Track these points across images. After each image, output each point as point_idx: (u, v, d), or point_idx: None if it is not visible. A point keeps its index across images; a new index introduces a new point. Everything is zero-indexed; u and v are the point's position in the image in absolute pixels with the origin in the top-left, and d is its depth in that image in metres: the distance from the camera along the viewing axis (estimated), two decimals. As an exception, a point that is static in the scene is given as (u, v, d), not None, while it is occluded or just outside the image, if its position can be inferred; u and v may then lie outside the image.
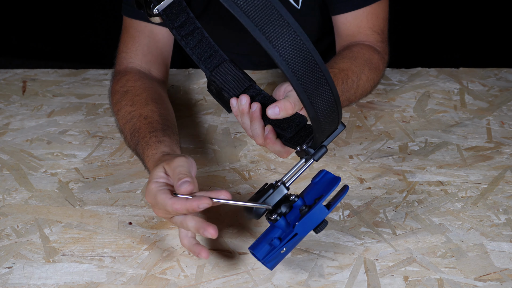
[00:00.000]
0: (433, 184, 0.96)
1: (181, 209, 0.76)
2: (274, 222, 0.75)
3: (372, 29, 1.18)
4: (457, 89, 1.24)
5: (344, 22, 1.19)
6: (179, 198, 0.77)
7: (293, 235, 0.73)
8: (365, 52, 1.14)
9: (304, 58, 0.68)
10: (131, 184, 0.96)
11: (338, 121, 0.76)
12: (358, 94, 1.11)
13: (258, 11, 0.68)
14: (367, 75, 1.11)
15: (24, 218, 0.89)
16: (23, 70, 1.32)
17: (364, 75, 1.10)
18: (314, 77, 0.69)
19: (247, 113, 0.85)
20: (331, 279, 0.79)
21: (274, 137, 0.85)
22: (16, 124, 1.13)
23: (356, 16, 1.18)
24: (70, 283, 0.78)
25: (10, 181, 0.97)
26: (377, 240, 0.85)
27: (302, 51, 0.68)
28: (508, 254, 0.82)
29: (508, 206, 0.91)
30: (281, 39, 0.68)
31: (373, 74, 1.13)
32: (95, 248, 0.83)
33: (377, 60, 1.15)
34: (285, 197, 0.76)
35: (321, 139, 0.77)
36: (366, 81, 1.11)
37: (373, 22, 1.19)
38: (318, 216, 0.73)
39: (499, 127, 1.11)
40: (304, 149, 0.78)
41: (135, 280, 0.78)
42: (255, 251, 0.75)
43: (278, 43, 0.68)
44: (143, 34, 1.12)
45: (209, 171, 0.99)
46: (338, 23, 1.20)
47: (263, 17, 0.68)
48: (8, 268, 0.80)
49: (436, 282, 0.78)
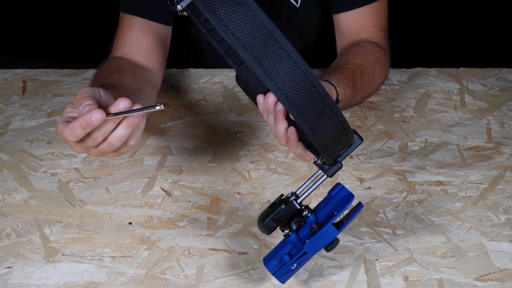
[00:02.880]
0: (433, 184, 0.96)
1: (75, 127, 0.75)
2: (286, 238, 0.74)
3: (375, 27, 1.18)
4: (457, 89, 1.24)
5: (347, 21, 1.18)
6: (74, 120, 0.76)
7: (303, 253, 0.72)
8: (374, 48, 1.14)
9: (305, 89, 0.68)
10: (131, 184, 0.96)
11: (349, 141, 0.74)
12: (372, 91, 1.11)
13: (257, 43, 0.67)
14: (379, 71, 1.11)
15: (24, 218, 0.89)
16: (23, 70, 1.32)
17: (377, 71, 1.11)
18: (316, 107, 0.69)
19: (272, 112, 0.85)
20: (331, 279, 0.79)
21: (296, 139, 0.83)
22: (16, 124, 1.13)
23: (359, 14, 1.18)
24: (70, 283, 0.78)
25: (10, 181, 0.97)
26: (377, 240, 0.85)
27: (302, 82, 0.68)
28: (508, 254, 0.82)
29: (508, 206, 0.91)
30: (281, 71, 0.67)
31: (383, 71, 1.13)
32: (95, 248, 0.83)
33: (384, 57, 1.15)
34: (299, 212, 0.74)
35: (331, 160, 0.75)
36: (379, 77, 1.12)
37: (376, 20, 1.19)
38: (328, 236, 0.72)
39: (499, 127, 1.11)
40: (319, 164, 0.76)
41: (135, 280, 0.78)
42: (266, 265, 0.74)
43: (277, 76, 0.67)
44: (133, 28, 1.13)
45: (209, 171, 0.99)
46: (340, 21, 1.20)
47: (263, 49, 0.67)
48: (8, 268, 0.80)
49: (436, 282, 0.78)
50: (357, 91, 1.05)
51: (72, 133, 0.76)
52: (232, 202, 0.92)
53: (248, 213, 0.90)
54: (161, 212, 0.90)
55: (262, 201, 0.92)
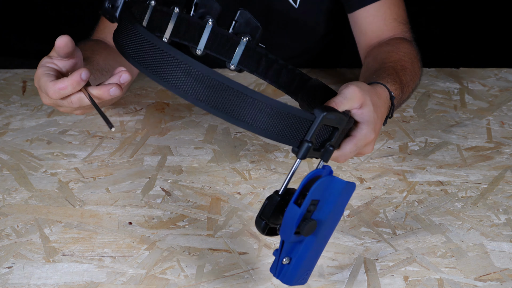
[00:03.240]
0: (433, 184, 0.96)
1: (65, 86, 0.80)
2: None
3: (397, 20, 1.14)
4: (457, 89, 1.24)
5: (367, 16, 1.14)
6: (62, 78, 0.81)
7: (281, 242, 0.68)
8: (403, 43, 1.09)
9: (213, 87, 0.69)
10: (131, 184, 0.96)
11: (303, 121, 0.71)
12: (417, 84, 1.07)
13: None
14: (416, 63, 1.07)
15: (24, 218, 0.89)
16: (23, 70, 1.32)
17: (415, 63, 1.07)
18: (233, 99, 0.69)
19: None
20: (331, 279, 0.79)
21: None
22: (16, 124, 1.13)
23: (378, 7, 1.13)
24: (70, 283, 0.78)
25: (10, 181, 0.97)
26: (377, 240, 0.85)
27: (208, 81, 0.69)
28: (508, 254, 0.82)
29: (508, 206, 0.91)
30: (181, 79, 0.70)
31: (418, 63, 1.09)
32: (95, 248, 0.83)
33: (414, 50, 1.10)
34: (284, 202, 0.70)
35: (296, 144, 0.72)
36: (418, 69, 1.07)
37: (396, 12, 1.13)
38: (291, 216, 0.67)
39: (499, 127, 1.11)
40: (293, 150, 0.74)
41: (135, 280, 0.78)
42: (270, 269, 0.71)
43: (182, 84, 0.70)
44: (107, 29, 1.15)
45: (209, 171, 0.99)
46: (360, 19, 1.15)
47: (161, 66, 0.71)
48: (8, 268, 0.80)
49: (436, 282, 0.78)
50: (404, 85, 1.00)
51: (60, 91, 0.80)
52: (232, 202, 0.92)
53: (248, 213, 0.90)
54: (161, 212, 0.90)
55: (262, 201, 0.92)
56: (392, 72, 0.99)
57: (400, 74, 0.99)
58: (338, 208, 0.70)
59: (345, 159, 0.82)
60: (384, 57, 1.05)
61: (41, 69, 0.85)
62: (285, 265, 0.70)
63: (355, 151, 0.82)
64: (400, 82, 0.98)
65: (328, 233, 0.72)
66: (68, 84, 0.81)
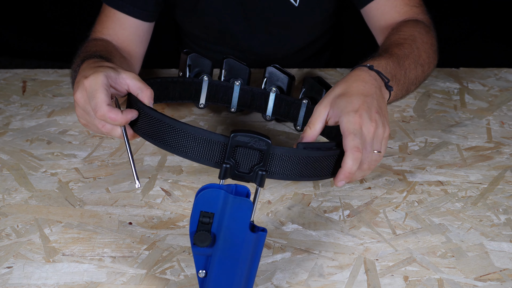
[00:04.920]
0: (433, 184, 0.96)
1: (116, 119, 0.84)
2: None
3: (409, 4, 1.12)
4: (457, 89, 1.24)
5: (378, 8, 1.13)
6: (117, 109, 0.85)
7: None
8: (406, 23, 1.07)
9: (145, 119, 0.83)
10: (131, 184, 0.96)
11: (211, 144, 0.78)
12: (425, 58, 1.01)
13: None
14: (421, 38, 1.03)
15: (24, 218, 0.89)
16: (23, 70, 1.32)
17: (418, 38, 1.02)
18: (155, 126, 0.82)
19: None
20: (331, 279, 0.79)
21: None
22: (16, 124, 1.13)
23: None
24: (70, 283, 0.78)
25: (10, 181, 0.97)
26: (377, 240, 0.85)
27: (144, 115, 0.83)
28: (508, 254, 0.82)
29: (508, 206, 0.91)
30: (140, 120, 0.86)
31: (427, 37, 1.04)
32: (95, 248, 0.83)
33: (423, 26, 1.07)
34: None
35: (212, 163, 0.80)
36: (422, 43, 1.02)
37: None
38: (190, 227, 0.70)
39: (499, 127, 1.11)
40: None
41: (135, 280, 0.78)
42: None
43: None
44: (109, 20, 1.14)
45: (209, 171, 0.99)
46: (372, 11, 1.14)
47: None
48: (8, 268, 0.80)
49: (436, 282, 0.78)
50: (400, 57, 0.96)
51: (108, 119, 0.84)
52: (232, 202, 0.92)
53: (248, 213, 0.90)
54: (161, 212, 0.90)
55: (262, 201, 0.92)
56: (380, 51, 0.97)
57: (391, 49, 0.96)
58: (238, 225, 0.70)
59: (351, 173, 0.80)
60: (381, 44, 1.03)
61: (103, 81, 0.86)
62: (204, 278, 0.72)
63: (355, 154, 0.80)
64: (391, 55, 0.95)
65: (243, 252, 0.71)
66: (119, 120, 0.85)
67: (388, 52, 0.96)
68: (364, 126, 0.81)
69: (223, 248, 0.70)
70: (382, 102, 0.86)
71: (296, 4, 1.23)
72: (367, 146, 0.81)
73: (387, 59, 0.93)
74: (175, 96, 1.07)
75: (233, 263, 0.71)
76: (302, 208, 0.91)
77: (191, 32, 1.37)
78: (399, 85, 0.94)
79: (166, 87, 1.05)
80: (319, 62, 1.42)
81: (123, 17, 1.13)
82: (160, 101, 1.06)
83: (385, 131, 0.84)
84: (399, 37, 1.02)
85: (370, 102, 0.83)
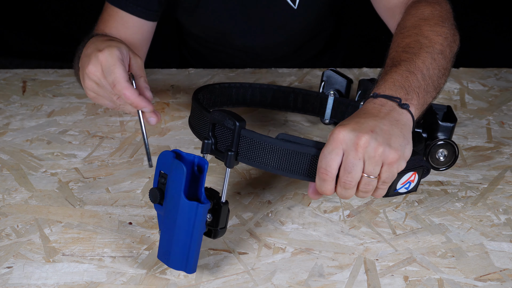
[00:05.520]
0: (433, 184, 0.96)
1: (130, 98, 0.86)
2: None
3: None
4: (457, 89, 1.24)
5: None
6: (135, 90, 0.86)
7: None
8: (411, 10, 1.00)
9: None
10: (131, 184, 0.96)
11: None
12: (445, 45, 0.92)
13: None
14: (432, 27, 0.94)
15: (24, 218, 0.89)
16: (23, 70, 1.32)
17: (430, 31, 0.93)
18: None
19: None
20: (331, 279, 0.79)
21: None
22: (16, 124, 1.13)
23: None
24: (70, 283, 0.78)
25: (10, 181, 0.97)
26: (377, 240, 0.85)
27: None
28: (508, 254, 0.83)
29: (508, 206, 0.91)
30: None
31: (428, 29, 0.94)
32: (95, 248, 0.83)
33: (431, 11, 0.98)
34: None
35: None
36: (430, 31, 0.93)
37: None
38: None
39: (499, 127, 1.11)
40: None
41: (135, 280, 0.78)
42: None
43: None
44: (112, 18, 1.14)
45: (209, 171, 0.99)
46: (382, 1, 1.10)
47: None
48: (8, 268, 0.80)
49: (436, 282, 0.78)
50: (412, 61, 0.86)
51: (123, 95, 0.86)
52: (232, 202, 0.92)
53: (248, 213, 0.90)
54: (161, 212, 0.90)
55: (262, 201, 0.92)
56: (387, 66, 0.88)
57: (397, 57, 0.88)
58: (176, 189, 0.74)
59: (320, 191, 0.76)
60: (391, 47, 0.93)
61: (118, 56, 0.89)
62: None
63: (320, 176, 0.74)
64: (399, 65, 0.85)
65: (180, 219, 0.74)
66: (134, 101, 0.87)
67: (394, 64, 0.86)
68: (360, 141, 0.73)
69: (166, 209, 0.75)
70: (395, 127, 0.76)
71: (295, 7, 1.23)
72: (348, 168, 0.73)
73: (394, 74, 0.84)
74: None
75: (172, 227, 0.75)
76: (302, 208, 0.91)
77: (192, 31, 1.37)
78: (420, 92, 0.83)
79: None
80: (319, 62, 1.42)
81: (126, 16, 1.13)
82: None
83: (392, 155, 0.73)
84: (403, 36, 0.93)
85: (379, 132, 0.74)
